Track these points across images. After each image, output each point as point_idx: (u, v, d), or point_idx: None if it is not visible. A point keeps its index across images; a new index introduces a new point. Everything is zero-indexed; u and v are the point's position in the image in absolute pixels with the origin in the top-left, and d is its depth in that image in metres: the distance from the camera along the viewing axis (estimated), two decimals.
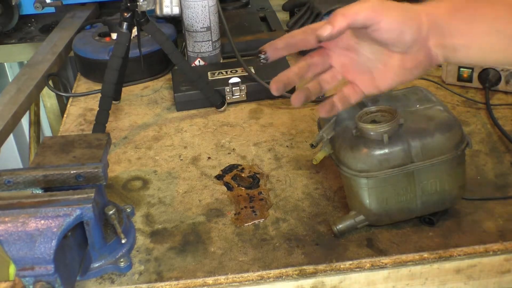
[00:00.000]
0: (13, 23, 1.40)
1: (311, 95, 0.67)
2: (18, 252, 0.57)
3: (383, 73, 0.63)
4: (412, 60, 0.61)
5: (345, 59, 0.65)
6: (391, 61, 0.62)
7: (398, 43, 0.60)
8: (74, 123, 1.01)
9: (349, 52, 0.65)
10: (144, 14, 0.92)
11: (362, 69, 0.64)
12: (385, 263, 0.66)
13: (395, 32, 0.59)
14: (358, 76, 0.65)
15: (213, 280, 0.65)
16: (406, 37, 0.59)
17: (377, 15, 0.59)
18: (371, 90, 0.65)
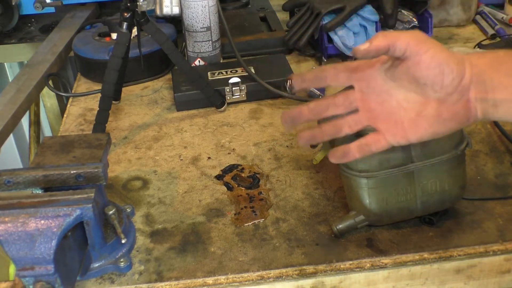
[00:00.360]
0: (13, 23, 1.40)
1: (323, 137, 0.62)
2: (18, 252, 0.57)
3: (415, 123, 0.58)
4: (449, 110, 0.56)
5: (376, 104, 0.60)
6: (426, 109, 0.57)
7: (437, 85, 0.56)
8: (74, 123, 1.01)
9: (381, 96, 0.60)
10: (144, 14, 0.92)
11: (392, 117, 0.59)
12: (385, 263, 0.66)
13: (435, 71, 0.55)
14: (387, 124, 0.59)
15: (213, 280, 0.65)
16: (446, 79, 0.55)
17: (420, 46, 0.55)
18: (399, 141, 0.59)
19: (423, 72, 0.55)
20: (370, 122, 0.60)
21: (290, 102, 1.02)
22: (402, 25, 1.19)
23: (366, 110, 0.60)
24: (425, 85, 0.56)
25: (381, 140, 0.60)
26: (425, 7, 1.19)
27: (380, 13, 1.13)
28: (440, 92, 0.56)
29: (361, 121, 0.61)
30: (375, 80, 0.60)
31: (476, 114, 0.57)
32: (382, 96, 0.60)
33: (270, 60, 1.10)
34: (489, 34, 1.23)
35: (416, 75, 0.56)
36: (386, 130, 0.59)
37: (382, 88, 0.59)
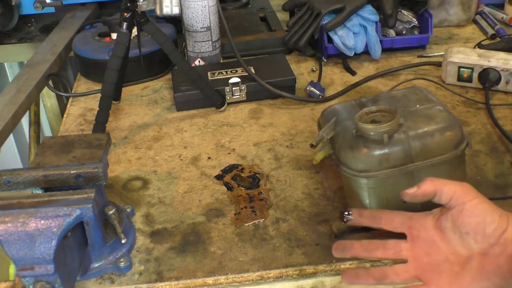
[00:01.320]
0: (13, 23, 1.40)
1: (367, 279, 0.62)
2: (18, 252, 0.57)
3: (459, 276, 0.59)
4: (492, 263, 0.57)
5: (424, 254, 0.61)
6: (470, 263, 0.58)
7: (479, 234, 0.57)
8: (74, 123, 1.01)
9: (430, 248, 0.61)
10: (144, 14, 0.92)
11: (438, 269, 0.60)
12: (385, 263, 0.66)
13: (477, 219, 0.57)
14: (434, 277, 0.60)
15: (213, 280, 0.65)
16: (488, 229, 0.57)
17: (465, 195, 0.58)
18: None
19: (465, 220, 0.58)
20: (417, 273, 0.61)
21: (290, 102, 1.02)
22: (402, 25, 1.20)
23: (414, 260, 0.62)
24: (467, 234, 0.58)
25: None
26: (425, 7, 1.19)
27: (380, 13, 1.13)
28: (482, 242, 0.57)
29: (409, 271, 0.62)
30: (426, 231, 0.62)
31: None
32: (431, 248, 0.61)
33: (270, 60, 1.10)
34: (489, 34, 1.23)
35: (458, 222, 0.58)
36: (431, 283, 0.60)
37: (431, 239, 0.61)
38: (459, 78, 1.02)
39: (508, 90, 0.99)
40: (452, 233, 0.60)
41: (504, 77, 0.98)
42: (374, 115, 0.70)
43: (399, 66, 1.10)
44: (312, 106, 1.01)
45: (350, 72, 1.12)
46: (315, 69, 1.14)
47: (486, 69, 0.98)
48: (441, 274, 0.60)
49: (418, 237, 0.62)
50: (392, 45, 1.17)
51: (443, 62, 1.04)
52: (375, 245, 0.64)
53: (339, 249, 0.65)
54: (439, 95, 0.99)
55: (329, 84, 1.08)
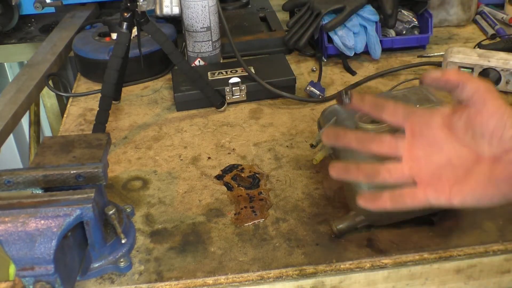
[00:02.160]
0: (13, 23, 1.40)
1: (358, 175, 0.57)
2: (18, 252, 0.57)
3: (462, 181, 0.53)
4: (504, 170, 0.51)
5: (423, 154, 0.56)
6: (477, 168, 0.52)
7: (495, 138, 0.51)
8: (74, 123, 1.01)
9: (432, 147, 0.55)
10: (144, 14, 0.92)
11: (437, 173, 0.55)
12: (385, 263, 0.66)
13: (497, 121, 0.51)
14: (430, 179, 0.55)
15: (213, 280, 0.65)
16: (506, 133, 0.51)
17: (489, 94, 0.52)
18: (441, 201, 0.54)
19: (484, 120, 0.52)
20: (412, 173, 0.56)
21: (290, 102, 1.02)
22: (402, 25, 1.20)
23: (411, 159, 0.56)
24: (482, 137, 0.52)
25: (420, 195, 0.55)
26: (425, 7, 1.19)
27: (380, 13, 1.13)
28: (497, 147, 0.51)
29: (403, 170, 0.56)
30: (430, 128, 0.56)
31: None
32: (432, 147, 0.56)
33: (270, 60, 1.10)
34: (489, 34, 1.23)
35: (475, 122, 0.52)
36: (427, 185, 0.55)
37: (435, 137, 0.56)
38: None
39: (508, 90, 0.99)
40: (462, 134, 0.54)
41: (504, 77, 0.98)
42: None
43: (399, 66, 1.10)
44: (312, 106, 1.01)
45: (350, 72, 1.12)
46: (315, 69, 1.14)
47: (486, 69, 0.98)
48: (440, 178, 0.54)
49: (420, 134, 0.56)
50: (392, 45, 1.17)
51: (443, 62, 1.04)
52: (370, 137, 0.58)
53: (330, 135, 0.59)
54: (439, 95, 0.99)
55: (329, 84, 1.08)
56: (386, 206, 0.55)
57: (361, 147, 0.58)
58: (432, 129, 0.56)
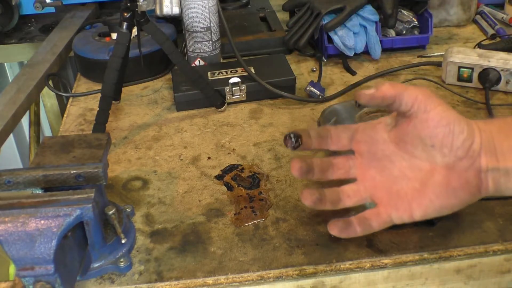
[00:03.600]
0: (13, 23, 1.40)
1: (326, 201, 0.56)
2: (18, 252, 0.57)
3: (420, 194, 0.52)
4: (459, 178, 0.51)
5: (375, 171, 0.54)
6: (432, 178, 0.52)
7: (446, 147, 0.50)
8: (74, 123, 1.01)
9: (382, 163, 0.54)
10: (144, 14, 0.92)
11: (393, 188, 0.54)
12: (385, 263, 0.66)
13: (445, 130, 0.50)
14: (388, 196, 0.54)
15: (213, 280, 0.65)
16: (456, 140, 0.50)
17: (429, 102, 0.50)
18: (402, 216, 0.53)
19: (431, 131, 0.50)
20: (369, 193, 0.55)
21: (290, 102, 1.02)
22: (402, 25, 1.20)
23: (365, 179, 0.55)
24: (432, 148, 0.51)
25: (383, 215, 0.54)
26: (425, 7, 1.19)
27: (380, 13, 1.13)
28: (449, 156, 0.50)
29: (359, 192, 0.55)
30: (376, 144, 0.55)
31: (488, 185, 0.51)
32: (383, 163, 0.54)
33: (270, 60, 1.10)
34: (489, 34, 1.23)
35: (423, 134, 0.51)
36: (387, 203, 0.54)
37: (383, 153, 0.54)
38: (459, 78, 1.02)
39: (508, 90, 0.99)
40: (411, 146, 0.52)
41: (504, 77, 0.98)
42: (374, 115, 0.70)
43: (399, 66, 1.10)
44: (312, 106, 1.01)
45: (350, 72, 1.12)
46: (315, 69, 1.14)
47: (486, 69, 0.98)
48: (398, 193, 0.53)
49: (367, 152, 0.55)
50: (392, 45, 1.17)
51: (443, 62, 1.04)
52: (326, 164, 0.57)
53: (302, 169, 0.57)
54: (439, 95, 0.99)
55: (329, 84, 1.08)
56: (356, 233, 0.54)
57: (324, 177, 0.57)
58: (379, 144, 0.54)
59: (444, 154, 0.51)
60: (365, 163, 0.55)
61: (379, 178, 0.54)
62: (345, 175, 0.56)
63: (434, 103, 0.50)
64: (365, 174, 0.55)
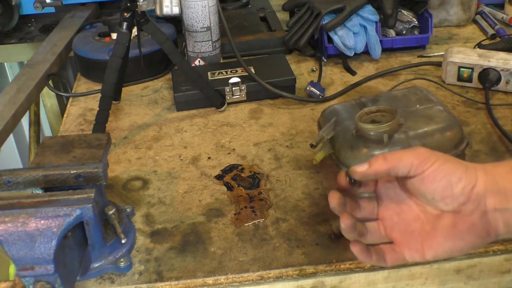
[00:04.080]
0: (13, 23, 1.40)
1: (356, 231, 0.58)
2: (18, 252, 0.57)
3: (431, 237, 0.55)
4: (465, 222, 0.52)
5: (394, 213, 0.58)
6: (441, 222, 0.54)
7: (447, 198, 0.52)
8: (74, 123, 1.01)
9: (400, 206, 0.58)
10: (144, 14, 0.92)
11: (408, 230, 0.56)
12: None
13: (442, 183, 0.52)
14: (403, 237, 0.57)
15: (213, 280, 0.65)
16: (455, 189, 0.52)
17: (422, 163, 0.52)
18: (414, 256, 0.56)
19: (429, 187, 0.53)
20: (387, 232, 0.58)
21: (290, 102, 1.02)
22: (402, 25, 1.20)
23: (383, 219, 0.59)
24: (434, 200, 0.54)
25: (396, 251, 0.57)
26: (425, 7, 1.19)
27: (380, 13, 1.13)
28: (452, 204, 0.53)
29: (379, 230, 0.59)
30: (393, 190, 0.58)
31: (498, 226, 0.52)
32: (400, 206, 0.58)
33: (270, 60, 1.10)
34: (489, 34, 1.23)
35: (422, 190, 0.54)
36: (401, 243, 0.57)
37: (400, 197, 0.58)
38: (459, 78, 1.02)
39: (508, 90, 0.99)
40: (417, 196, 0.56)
41: (504, 77, 0.98)
42: (374, 115, 0.70)
43: (399, 66, 1.10)
44: (312, 106, 1.01)
45: (350, 72, 1.12)
46: (315, 69, 1.14)
47: (486, 69, 0.98)
48: (412, 233, 0.56)
49: (386, 196, 0.59)
50: (392, 45, 1.17)
51: (443, 62, 1.04)
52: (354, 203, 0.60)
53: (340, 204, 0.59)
54: (439, 95, 0.99)
55: (329, 84, 1.08)
56: (372, 261, 0.57)
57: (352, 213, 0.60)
58: (395, 189, 0.58)
59: (447, 203, 0.53)
60: (384, 206, 0.59)
61: (396, 219, 0.58)
62: (369, 215, 0.60)
63: (430, 162, 0.53)
64: (385, 216, 0.59)
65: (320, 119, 0.79)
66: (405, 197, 0.58)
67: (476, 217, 0.52)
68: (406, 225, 0.57)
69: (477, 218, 0.52)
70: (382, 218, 0.59)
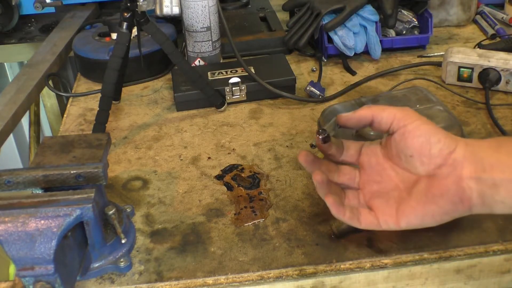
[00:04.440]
0: (13, 23, 1.40)
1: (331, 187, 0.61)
2: (18, 252, 0.57)
3: (405, 202, 0.57)
4: (439, 185, 0.54)
5: (373, 182, 0.61)
6: (416, 187, 0.56)
7: (424, 156, 0.55)
8: (74, 123, 1.01)
9: (380, 175, 0.61)
10: (144, 14, 0.92)
11: (386, 198, 0.59)
12: (385, 263, 0.66)
13: (421, 139, 0.54)
14: (381, 205, 0.59)
15: (213, 280, 0.65)
16: (433, 148, 0.54)
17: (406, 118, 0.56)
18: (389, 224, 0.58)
19: (408, 142, 0.55)
20: (365, 199, 0.61)
21: (290, 102, 1.02)
22: (402, 25, 1.20)
23: (365, 188, 0.62)
24: (411, 157, 0.56)
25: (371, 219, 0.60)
26: (425, 7, 1.19)
27: (380, 13, 1.13)
28: (429, 164, 0.55)
29: (358, 197, 0.62)
30: (376, 157, 0.61)
31: (472, 196, 0.53)
32: (381, 175, 0.60)
33: (270, 60, 1.10)
34: (489, 34, 1.23)
35: (402, 145, 0.56)
36: (379, 211, 0.59)
37: (382, 166, 0.60)
38: (459, 78, 1.02)
39: (508, 90, 0.99)
40: (397, 159, 0.58)
41: (504, 77, 0.98)
42: None
43: (399, 66, 1.10)
44: (312, 106, 1.01)
45: (350, 72, 1.12)
46: (315, 69, 1.14)
47: (486, 69, 0.98)
48: (388, 202, 0.59)
49: (368, 164, 0.62)
50: (392, 45, 1.17)
51: (443, 62, 1.04)
52: (334, 168, 0.63)
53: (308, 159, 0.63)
54: (439, 95, 0.99)
55: (329, 84, 1.08)
56: (344, 215, 0.60)
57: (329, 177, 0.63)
58: (378, 158, 0.61)
59: (423, 162, 0.55)
60: (366, 174, 0.62)
61: (376, 188, 0.61)
62: (349, 182, 0.63)
63: (412, 118, 0.56)
64: (365, 184, 0.62)
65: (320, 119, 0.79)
66: (386, 167, 0.60)
67: (450, 182, 0.53)
68: (385, 193, 0.59)
69: (451, 183, 0.53)
70: (363, 187, 0.62)
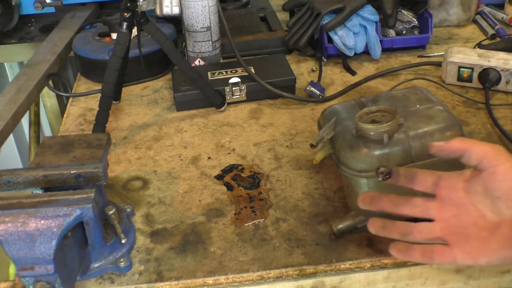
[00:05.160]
0: (13, 23, 1.40)
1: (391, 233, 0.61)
2: (18, 252, 0.57)
3: (486, 242, 0.56)
4: None
5: (452, 216, 0.59)
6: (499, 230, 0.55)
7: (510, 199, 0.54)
8: (74, 123, 1.01)
9: (459, 209, 0.59)
10: (144, 14, 0.92)
11: (465, 233, 0.58)
12: (385, 263, 0.66)
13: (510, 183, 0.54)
14: (459, 240, 0.58)
15: (213, 280, 0.65)
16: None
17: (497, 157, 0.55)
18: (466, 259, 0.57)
19: (497, 184, 0.55)
20: (442, 234, 0.59)
21: (290, 102, 1.02)
22: (402, 25, 1.20)
23: (441, 220, 0.60)
24: (498, 199, 0.55)
25: (448, 254, 0.58)
26: (425, 7, 1.19)
27: (380, 13, 1.13)
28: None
29: (434, 231, 0.60)
30: (456, 191, 0.59)
31: None
32: (459, 209, 0.59)
33: (270, 60, 1.10)
34: (489, 34, 1.23)
35: (490, 185, 0.55)
36: (456, 246, 0.58)
37: (461, 200, 0.59)
38: (459, 78, 1.02)
39: (508, 90, 0.99)
40: (482, 197, 0.57)
41: (504, 77, 0.98)
42: (374, 115, 0.70)
43: (399, 66, 1.10)
44: (312, 106, 1.01)
45: (350, 72, 1.12)
46: (315, 69, 1.14)
47: (486, 69, 0.98)
48: (467, 237, 0.57)
49: (447, 197, 0.60)
50: (392, 45, 1.17)
51: (443, 62, 1.04)
52: (403, 200, 0.61)
53: (366, 200, 0.62)
54: (439, 95, 0.99)
55: (329, 84, 1.08)
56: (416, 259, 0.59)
57: (396, 210, 0.62)
58: (457, 192, 0.59)
59: (509, 206, 0.55)
60: (443, 207, 0.60)
61: (454, 222, 0.59)
62: (421, 214, 0.61)
63: (503, 159, 0.55)
64: (442, 217, 0.60)
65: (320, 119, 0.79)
66: (466, 201, 0.59)
67: None
68: (463, 229, 0.58)
69: None
70: (440, 220, 0.60)
